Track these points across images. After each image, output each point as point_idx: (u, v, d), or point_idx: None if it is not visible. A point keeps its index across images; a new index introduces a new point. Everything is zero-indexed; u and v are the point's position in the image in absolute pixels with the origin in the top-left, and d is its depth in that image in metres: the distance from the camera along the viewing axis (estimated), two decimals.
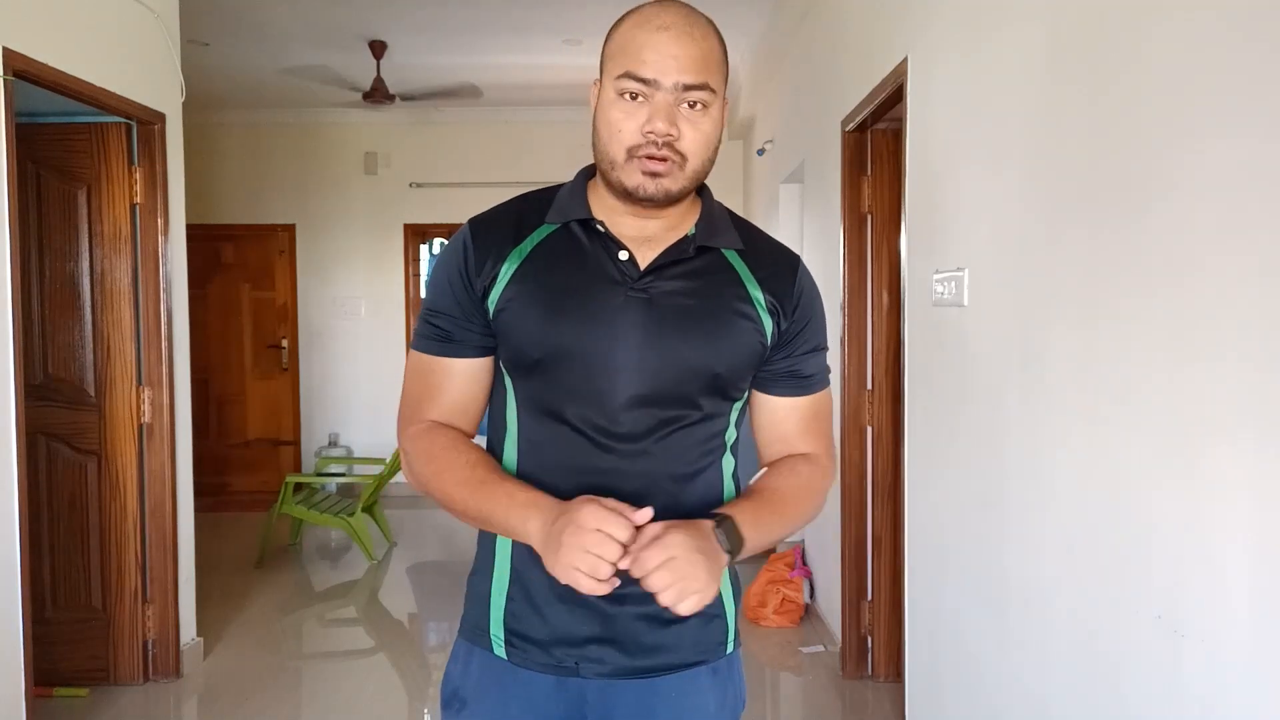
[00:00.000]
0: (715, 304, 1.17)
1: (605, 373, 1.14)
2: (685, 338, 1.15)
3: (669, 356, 1.14)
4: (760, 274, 1.21)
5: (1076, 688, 1.76)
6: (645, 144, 1.08)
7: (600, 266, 1.16)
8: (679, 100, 1.08)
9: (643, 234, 1.17)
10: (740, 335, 1.18)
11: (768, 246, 1.26)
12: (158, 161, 3.43)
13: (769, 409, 1.25)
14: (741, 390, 1.22)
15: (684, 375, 1.15)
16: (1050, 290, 1.87)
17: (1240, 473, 1.30)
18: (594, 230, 1.17)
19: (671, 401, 1.15)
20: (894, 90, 2.86)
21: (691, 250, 1.18)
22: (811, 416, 1.26)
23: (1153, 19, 1.50)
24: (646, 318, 1.14)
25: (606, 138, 1.11)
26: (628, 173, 1.10)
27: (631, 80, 1.08)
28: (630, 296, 1.15)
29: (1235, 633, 1.32)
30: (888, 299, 3.36)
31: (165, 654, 3.49)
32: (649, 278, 1.16)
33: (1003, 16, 2.10)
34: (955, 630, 2.47)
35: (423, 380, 1.23)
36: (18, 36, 2.67)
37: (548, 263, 1.16)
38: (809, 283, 1.25)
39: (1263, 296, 1.24)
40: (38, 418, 3.22)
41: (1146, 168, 1.52)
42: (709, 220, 1.21)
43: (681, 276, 1.17)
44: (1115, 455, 1.62)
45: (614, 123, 1.10)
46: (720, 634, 1.25)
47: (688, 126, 1.09)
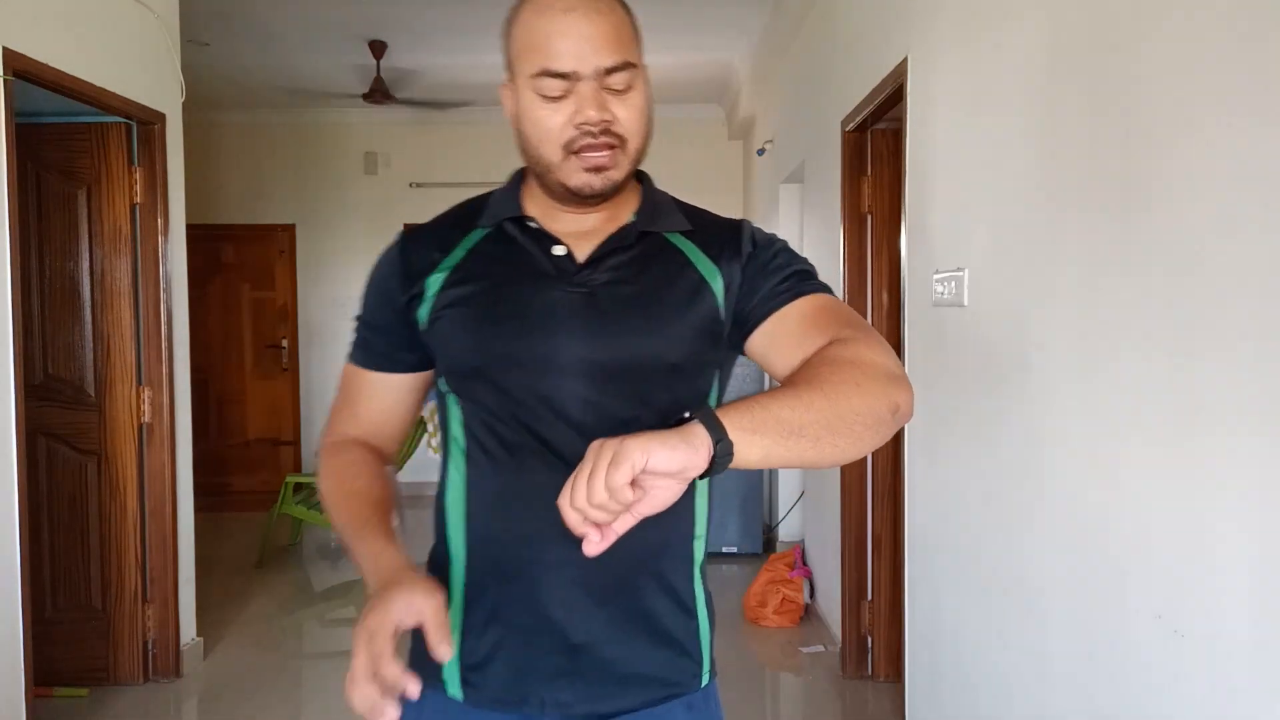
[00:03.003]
0: (662, 290, 1.08)
1: (550, 376, 1.04)
2: (632, 329, 1.06)
3: (617, 352, 1.05)
4: (710, 250, 1.11)
5: (1076, 688, 1.76)
6: (580, 136, 1.01)
7: (534, 264, 1.08)
8: (602, 83, 1.00)
9: (580, 228, 1.10)
10: (692, 318, 1.07)
11: (715, 223, 1.15)
12: (158, 161, 3.43)
13: (771, 335, 1.06)
14: (707, 381, 1.12)
15: (636, 371, 1.05)
16: (1050, 290, 1.87)
17: (1240, 472, 1.30)
18: (527, 228, 1.10)
19: (627, 401, 1.05)
20: (894, 90, 2.86)
21: (633, 237, 1.09)
22: (816, 312, 1.05)
23: (1152, 18, 1.50)
24: (588, 313, 1.05)
25: (536, 141, 1.04)
26: (569, 173, 1.03)
27: (549, 78, 1.00)
28: (569, 292, 1.06)
29: (1235, 633, 1.32)
30: (888, 299, 3.36)
31: (165, 654, 3.49)
32: (587, 271, 1.07)
33: (1003, 16, 2.10)
34: (955, 630, 2.47)
35: (346, 390, 1.18)
36: (18, 36, 2.67)
37: (481, 267, 1.09)
38: (761, 233, 1.14)
39: (1262, 295, 1.24)
40: (38, 418, 3.22)
41: (1146, 167, 1.52)
42: (650, 205, 1.13)
43: (623, 266, 1.08)
44: (1115, 455, 1.62)
45: (540, 123, 1.02)
46: (694, 665, 1.14)
47: (619, 107, 1.02)
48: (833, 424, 0.87)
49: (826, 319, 1.03)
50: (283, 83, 5.91)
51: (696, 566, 1.14)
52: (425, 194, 6.85)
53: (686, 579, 1.13)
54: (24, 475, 2.72)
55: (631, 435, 0.79)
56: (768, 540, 5.22)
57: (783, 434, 0.83)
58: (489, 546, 1.09)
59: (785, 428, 0.84)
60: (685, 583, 1.13)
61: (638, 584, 1.09)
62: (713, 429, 0.81)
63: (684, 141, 6.86)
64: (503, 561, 1.08)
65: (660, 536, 1.08)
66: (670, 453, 0.78)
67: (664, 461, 0.78)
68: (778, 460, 0.85)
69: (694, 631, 1.14)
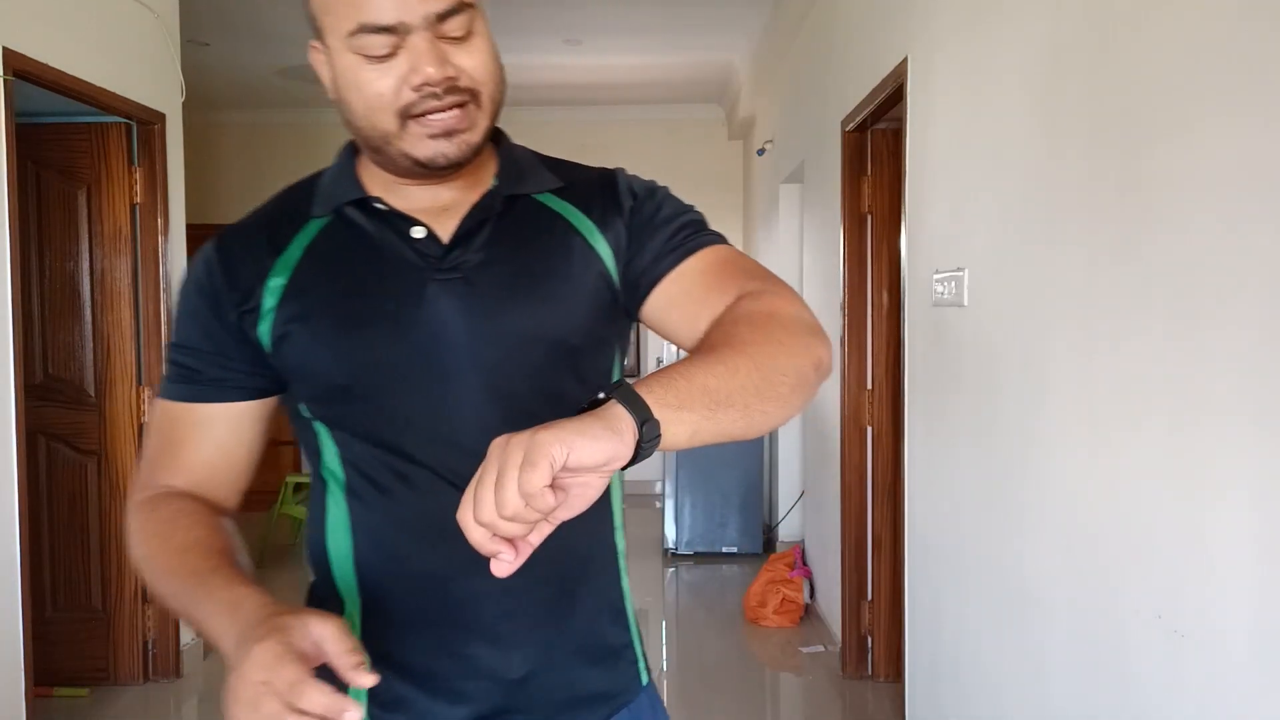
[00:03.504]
0: (545, 262, 0.93)
1: (434, 381, 0.89)
2: (521, 311, 0.91)
3: (507, 340, 0.90)
4: (589, 208, 0.97)
5: (1076, 687, 1.76)
6: (420, 99, 0.84)
7: (393, 253, 0.91)
8: (436, 32, 0.83)
9: (436, 203, 0.93)
10: (584, 289, 0.94)
11: (587, 177, 1.00)
12: (158, 161, 3.43)
13: (669, 297, 0.93)
14: (608, 359, 0.99)
15: (532, 358, 0.91)
16: (1050, 290, 1.87)
17: (1240, 473, 1.30)
18: (374, 211, 0.93)
19: (528, 395, 0.91)
20: (894, 90, 2.86)
21: (499, 205, 0.94)
22: (717, 266, 0.93)
23: (1152, 18, 1.50)
24: (467, 301, 0.90)
25: (365, 110, 0.85)
26: (414, 143, 0.86)
27: (370, 34, 0.82)
28: (439, 280, 0.90)
29: (1235, 633, 1.32)
30: (888, 299, 3.36)
31: (165, 654, 3.49)
32: (456, 252, 0.92)
33: (1003, 16, 2.10)
34: (955, 630, 2.47)
35: (163, 434, 0.95)
36: (18, 36, 2.67)
37: (326, 265, 0.92)
38: (636, 180, 1.01)
39: (1263, 296, 1.24)
40: (38, 418, 3.22)
41: (1146, 167, 1.52)
42: (511, 165, 0.97)
43: (496, 240, 0.93)
44: (1115, 455, 1.62)
45: (366, 86, 0.84)
46: (633, 666, 1.04)
47: (462, 56, 0.85)
48: (760, 388, 0.76)
49: (729, 273, 0.91)
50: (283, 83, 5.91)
51: (621, 563, 1.04)
52: None
53: (615, 580, 1.03)
54: (24, 475, 2.72)
55: (541, 427, 0.64)
56: (768, 540, 5.22)
57: (710, 406, 0.72)
58: (390, 590, 0.93)
59: (712, 398, 0.72)
60: (614, 585, 1.02)
61: (568, 598, 0.97)
62: (635, 408, 0.67)
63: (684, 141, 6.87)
64: (409, 605, 0.93)
65: (582, 539, 0.96)
66: (593, 443, 0.64)
67: (587, 454, 0.64)
68: (707, 436, 0.72)
69: (627, 634, 1.04)
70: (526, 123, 6.82)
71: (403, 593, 0.93)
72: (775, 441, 5.29)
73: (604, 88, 6.21)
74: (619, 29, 5.01)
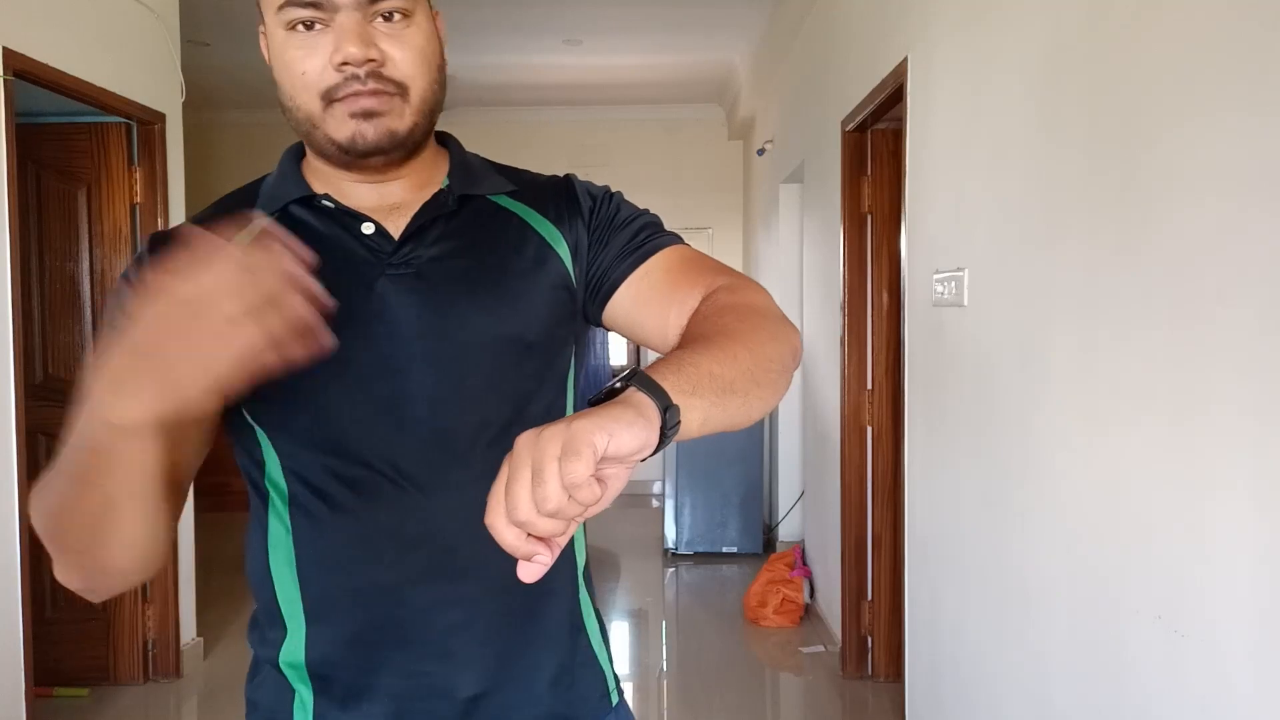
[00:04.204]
0: (501, 256, 0.92)
1: (386, 379, 0.86)
2: (476, 306, 0.89)
3: (461, 335, 0.88)
4: (545, 209, 0.96)
5: (1076, 688, 1.76)
6: (343, 81, 0.83)
7: (342, 248, 0.89)
8: (368, 15, 0.83)
9: (385, 201, 0.91)
10: (542, 286, 0.92)
11: (539, 182, 1.01)
12: (158, 161, 3.43)
13: (635, 297, 0.93)
14: (565, 361, 0.95)
15: (487, 356, 0.89)
16: (1050, 290, 1.87)
17: (1240, 472, 1.30)
18: (321, 209, 0.91)
19: (482, 394, 0.89)
20: (894, 90, 2.86)
21: (453, 203, 0.92)
22: (680, 265, 0.93)
23: (1152, 17, 1.50)
24: (420, 296, 0.88)
25: (293, 89, 0.85)
26: (335, 124, 0.84)
27: (297, 6, 0.81)
28: (391, 276, 0.88)
29: (1235, 633, 1.32)
30: (888, 299, 3.37)
31: (165, 654, 3.50)
32: (408, 247, 0.89)
33: (1003, 16, 2.10)
34: (955, 630, 2.47)
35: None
36: (18, 36, 2.67)
37: None
38: (592, 184, 1.01)
39: (1263, 296, 1.24)
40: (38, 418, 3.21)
41: (1146, 167, 1.52)
42: (463, 168, 0.97)
43: (449, 236, 0.91)
44: (1115, 455, 1.62)
45: (293, 65, 0.83)
46: (598, 684, 1.00)
47: (392, 45, 0.83)
48: (756, 375, 0.76)
49: (695, 270, 0.92)
50: None
51: (580, 573, 1.00)
52: None
53: (574, 594, 0.99)
54: (24, 475, 2.72)
55: (574, 416, 0.61)
56: (768, 540, 5.22)
57: (718, 392, 0.71)
58: (336, 607, 0.90)
59: (719, 384, 0.71)
60: (574, 600, 0.99)
61: (523, 612, 0.93)
62: (656, 395, 0.65)
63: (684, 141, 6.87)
64: (357, 622, 0.89)
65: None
66: (630, 430, 0.61)
67: (626, 442, 0.60)
68: (715, 423, 0.71)
69: (589, 649, 1.00)
70: (526, 123, 6.82)
71: (349, 607, 0.89)
72: (775, 441, 5.29)
73: (604, 88, 6.21)
74: (619, 29, 5.01)
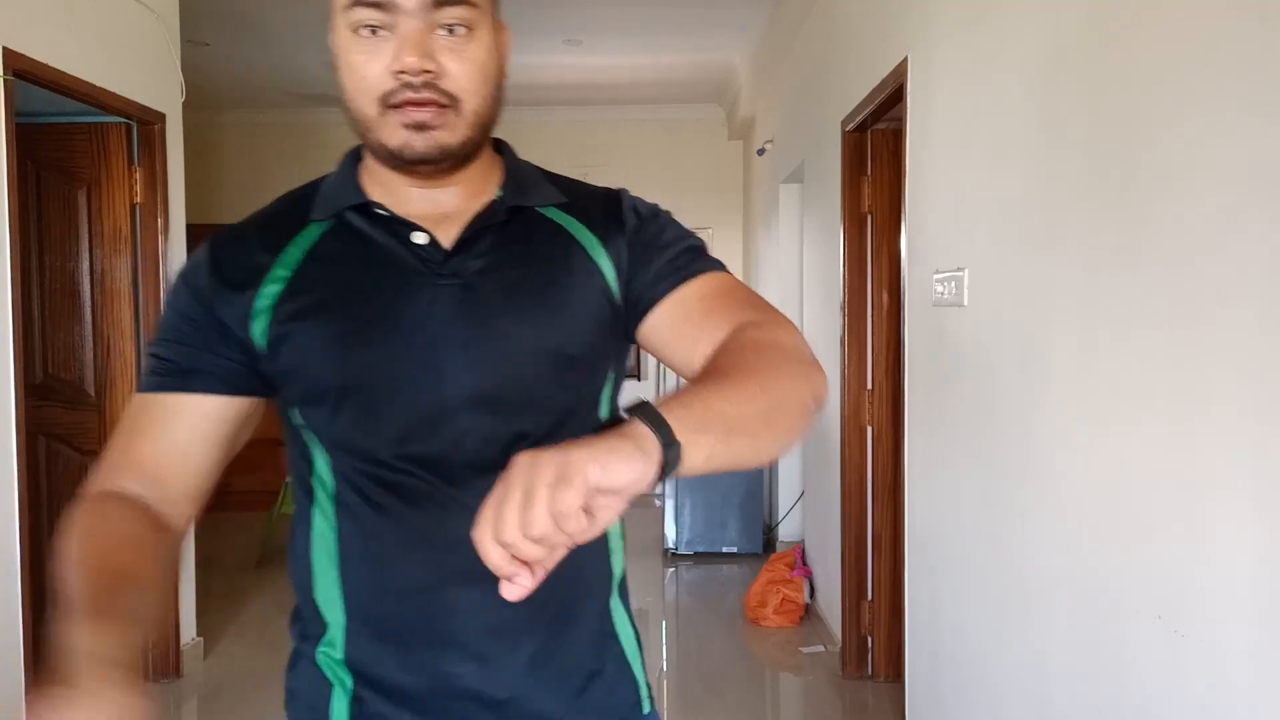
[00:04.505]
0: (548, 272, 0.93)
1: (432, 389, 0.88)
2: (520, 319, 0.91)
3: (505, 347, 0.90)
4: (592, 224, 0.97)
5: (1076, 688, 1.76)
6: (399, 88, 0.84)
7: (393, 258, 0.91)
8: (431, 24, 0.84)
9: (437, 210, 0.93)
10: (586, 302, 0.94)
11: (590, 194, 1.01)
12: (158, 161, 3.43)
13: (668, 319, 0.94)
14: (604, 372, 0.97)
15: (530, 367, 0.90)
16: (1050, 290, 1.87)
17: (1240, 472, 1.30)
18: (376, 216, 0.92)
19: (522, 405, 0.90)
20: (894, 90, 2.86)
21: (503, 214, 0.94)
22: (716, 294, 0.94)
23: (1152, 17, 1.50)
24: (466, 308, 0.90)
25: (353, 91, 0.86)
26: (387, 130, 0.86)
27: (363, 8, 0.83)
28: (440, 286, 0.90)
29: (1235, 633, 1.32)
30: (888, 299, 3.36)
31: (165, 654, 3.50)
32: (457, 258, 0.91)
33: (1003, 16, 2.10)
34: (955, 630, 2.47)
35: (127, 425, 0.92)
36: (18, 36, 2.67)
37: (326, 269, 0.91)
38: (640, 201, 1.02)
39: (1262, 295, 1.24)
40: (38, 418, 3.22)
41: (1146, 167, 1.52)
42: (516, 177, 0.97)
43: (498, 247, 0.93)
44: (1115, 455, 1.62)
45: (355, 68, 0.85)
46: (631, 693, 1.01)
47: (450, 58, 0.85)
48: (769, 416, 0.77)
49: (729, 301, 0.93)
50: (283, 83, 5.91)
51: (615, 584, 1.02)
52: None
53: (608, 604, 1.01)
54: (24, 475, 2.72)
55: (570, 445, 0.63)
56: (768, 540, 5.22)
57: (726, 431, 0.72)
58: (375, 605, 0.93)
59: (727, 423, 0.72)
60: (608, 609, 1.01)
61: (558, 619, 0.95)
62: (660, 430, 0.66)
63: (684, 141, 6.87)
64: (394, 621, 0.92)
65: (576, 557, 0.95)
66: (626, 464, 0.63)
67: (620, 475, 0.62)
68: (720, 461, 0.71)
69: (622, 658, 1.02)
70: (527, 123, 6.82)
71: (388, 607, 0.92)
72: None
73: (604, 88, 6.21)
74: (619, 29, 5.01)
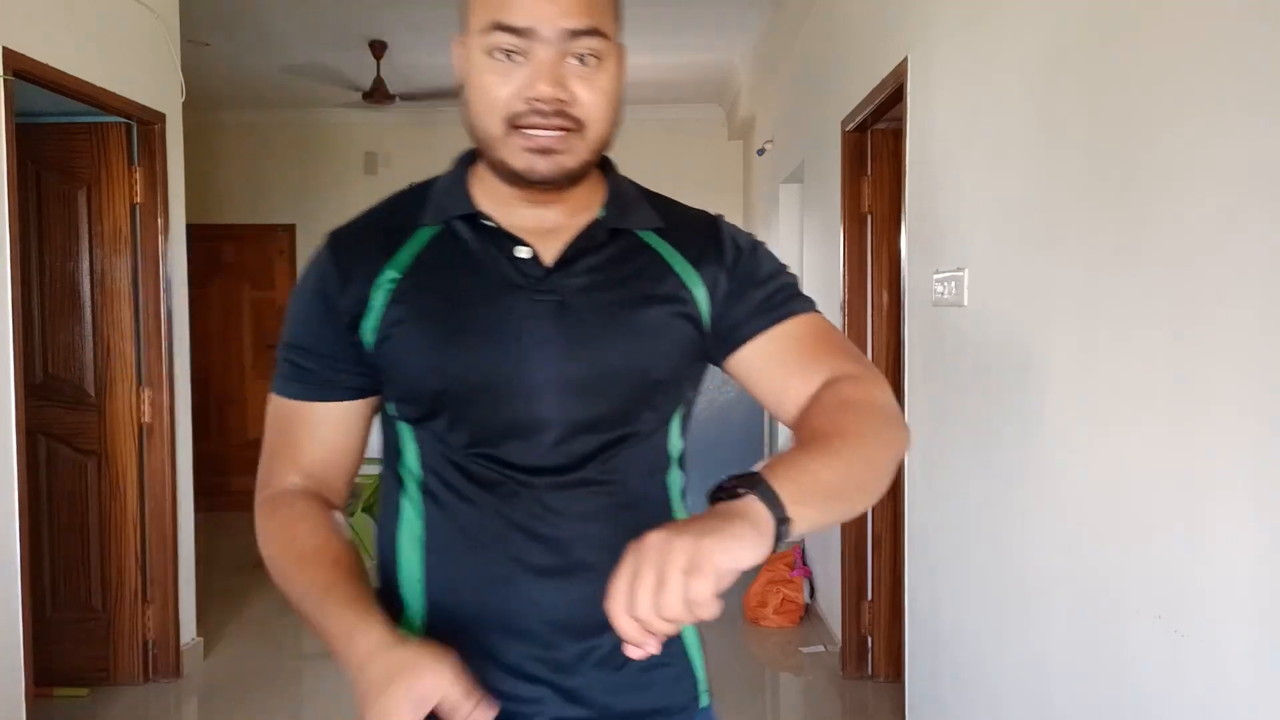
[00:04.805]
0: (639, 293, 0.97)
1: (522, 397, 0.93)
2: (611, 341, 0.95)
3: (595, 367, 0.95)
4: (687, 249, 1.01)
5: (1076, 688, 1.76)
6: (528, 112, 0.88)
7: (496, 270, 0.95)
8: (565, 52, 0.87)
9: (542, 225, 0.97)
10: (676, 328, 0.98)
11: (686, 218, 1.05)
12: (158, 161, 3.43)
13: (761, 356, 0.99)
14: (684, 394, 1.03)
15: (617, 386, 0.95)
16: (1050, 290, 1.87)
17: (1240, 472, 1.30)
18: (482, 227, 0.97)
19: (606, 421, 0.96)
20: (894, 90, 2.86)
21: (603, 236, 0.98)
22: (812, 337, 0.99)
23: (1152, 16, 1.50)
24: (561, 324, 0.94)
25: (481, 109, 0.90)
26: (512, 151, 0.90)
27: (502, 32, 0.86)
28: (538, 301, 0.94)
29: (1235, 633, 1.32)
30: (888, 299, 3.36)
31: (165, 654, 3.50)
32: (557, 275, 0.95)
33: (1003, 16, 2.10)
34: (955, 630, 2.47)
35: (281, 431, 1.01)
36: (18, 36, 2.67)
37: (433, 274, 0.96)
38: (739, 231, 1.06)
39: (1262, 295, 1.24)
40: (38, 418, 3.22)
41: (1146, 167, 1.52)
42: (619, 198, 1.01)
43: (596, 269, 0.97)
44: (1115, 455, 1.62)
45: (487, 89, 0.89)
46: (690, 689, 1.06)
47: (581, 86, 0.88)
48: (863, 483, 0.85)
49: (823, 348, 0.98)
50: (283, 83, 5.91)
51: None
52: None
53: None
54: (24, 475, 2.72)
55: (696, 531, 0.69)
56: None
57: (827, 499, 0.79)
58: (452, 592, 0.98)
59: (827, 493, 0.80)
60: None
61: None
62: (774, 508, 0.73)
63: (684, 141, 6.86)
64: (469, 607, 0.97)
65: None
66: (750, 551, 0.69)
67: (745, 561, 0.69)
68: (817, 527, 0.79)
69: (684, 653, 1.06)
70: None
71: (464, 595, 0.97)
72: (775, 440, 5.29)
73: None
74: None
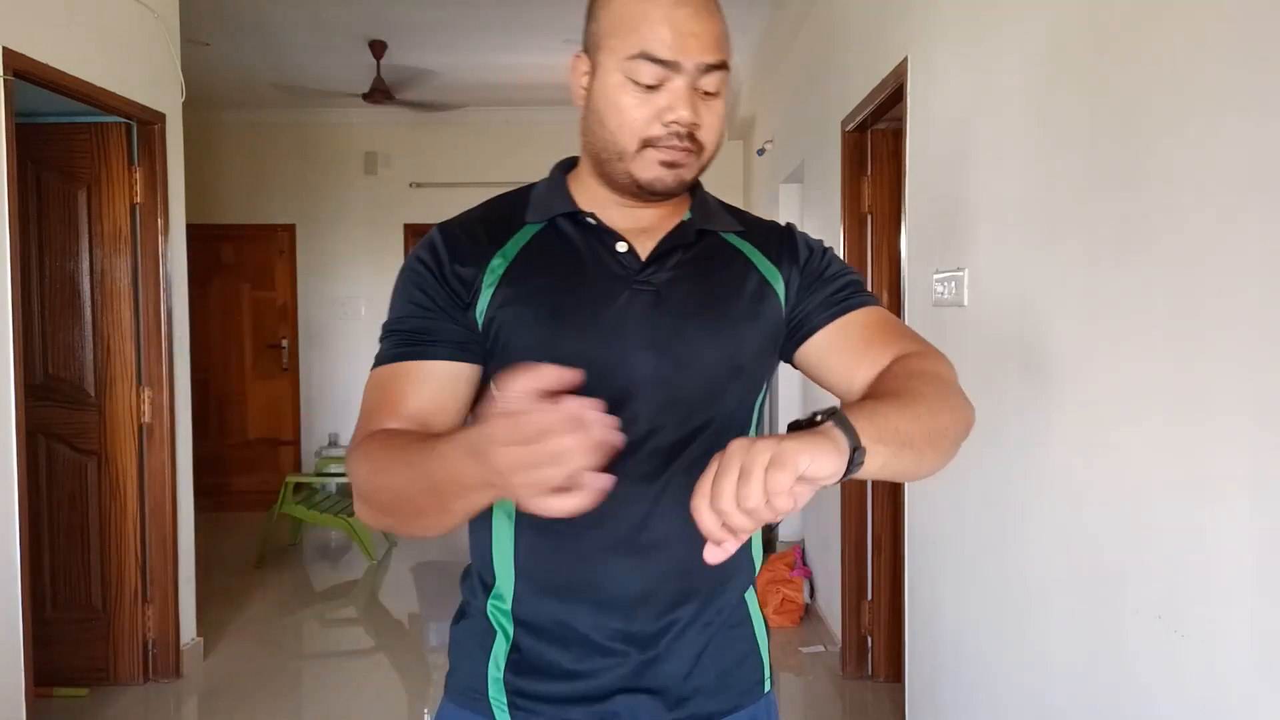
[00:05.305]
0: (728, 289, 1.07)
1: (619, 379, 1.00)
2: (702, 329, 1.03)
3: (688, 352, 1.02)
4: (766, 250, 1.11)
5: (1076, 688, 1.76)
6: (666, 135, 0.98)
7: (598, 261, 1.04)
8: (696, 83, 0.98)
9: (637, 224, 1.07)
10: (759, 319, 1.07)
11: (762, 224, 1.16)
12: (158, 161, 3.43)
13: (829, 344, 1.07)
14: (763, 382, 1.11)
15: (706, 371, 1.03)
16: (1050, 290, 1.87)
17: (1240, 472, 1.30)
18: (585, 224, 1.06)
19: (694, 403, 1.02)
20: (894, 90, 2.86)
21: (692, 235, 1.08)
22: (879, 324, 1.07)
23: (1152, 16, 1.50)
24: (656, 312, 1.03)
25: (615, 126, 0.99)
26: (642, 165, 1.00)
27: (648, 63, 0.96)
28: (635, 290, 1.03)
29: (1235, 633, 1.32)
30: (888, 299, 3.36)
31: (165, 654, 3.50)
32: (652, 268, 1.05)
33: (1002, 16, 2.10)
34: (955, 630, 2.47)
35: (380, 392, 1.02)
36: (18, 36, 2.67)
37: (538, 264, 1.04)
38: (809, 237, 1.16)
39: (1262, 295, 1.24)
40: (38, 418, 3.22)
41: (1146, 166, 1.52)
42: (703, 204, 1.12)
43: (687, 264, 1.06)
44: (1115, 455, 1.62)
45: (625, 110, 0.98)
46: (756, 671, 1.13)
47: (705, 113, 1.00)
48: (932, 438, 0.89)
49: (889, 333, 1.06)
50: (283, 83, 5.91)
51: (754, 573, 1.14)
52: (425, 194, 6.84)
53: (743, 588, 1.12)
54: (24, 475, 2.72)
55: (782, 437, 0.73)
56: (768, 540, 5.22)
57: (898, 444, 0.83)
58: (541, 567, 1.04)
59: (900, 438, 0.84)
60: (741, 589, 1.12)
61: (699, 594, 1.06)
62: (850, 435, 0.78)
63: None
64: (557, 579, 1.03)
65: None
66: (828, 459, 0.73)
67: (825, 468, 0.72)
68: (889, 471, 0.83)
69: (753, 639, 1.13)
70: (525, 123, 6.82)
71: (553, 570, 1.03)
72: None
73: None
74: None
